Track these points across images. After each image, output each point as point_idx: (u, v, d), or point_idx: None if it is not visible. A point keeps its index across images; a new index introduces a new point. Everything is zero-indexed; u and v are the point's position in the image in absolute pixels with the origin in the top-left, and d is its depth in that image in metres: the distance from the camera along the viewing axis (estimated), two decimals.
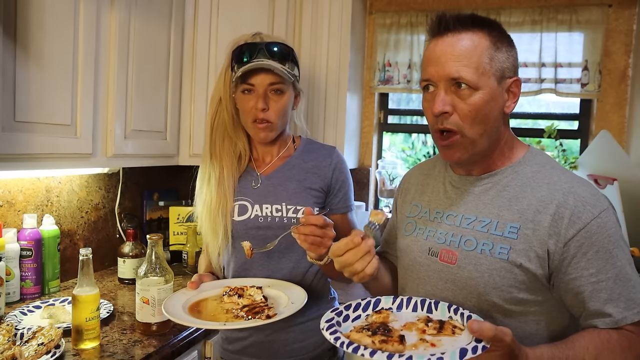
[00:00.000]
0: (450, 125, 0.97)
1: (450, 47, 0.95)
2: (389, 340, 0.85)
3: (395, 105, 2.66)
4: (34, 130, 1.36)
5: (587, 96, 2.24)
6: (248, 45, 1.33)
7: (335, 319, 0.95)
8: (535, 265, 0.94)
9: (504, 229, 0.97)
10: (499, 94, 0.97)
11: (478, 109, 0.95)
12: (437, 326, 0.90)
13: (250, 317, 1.10)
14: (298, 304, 1.15)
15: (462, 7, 2.36)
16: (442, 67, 0.95)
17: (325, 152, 1.43)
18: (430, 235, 1.08)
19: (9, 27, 1.26)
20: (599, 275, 0.92)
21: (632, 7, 2.17)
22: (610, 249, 0.92)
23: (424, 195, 1.15)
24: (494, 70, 0.95)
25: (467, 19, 0.96)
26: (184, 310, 1.15)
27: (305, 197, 1.37)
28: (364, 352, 0.81)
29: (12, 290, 1.63)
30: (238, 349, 1.40)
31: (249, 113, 1.33)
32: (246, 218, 1.37)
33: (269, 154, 1.43)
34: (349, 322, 0.97)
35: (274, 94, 1.33)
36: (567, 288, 0.94)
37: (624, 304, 0.91)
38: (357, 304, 1.02)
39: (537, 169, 1.01)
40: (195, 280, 1.30)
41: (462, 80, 0.94)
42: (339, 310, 0.99)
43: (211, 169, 1.38)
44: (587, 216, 0.92)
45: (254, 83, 1.31)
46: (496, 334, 0.80)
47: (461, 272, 1.00)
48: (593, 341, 0.91)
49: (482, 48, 0.94)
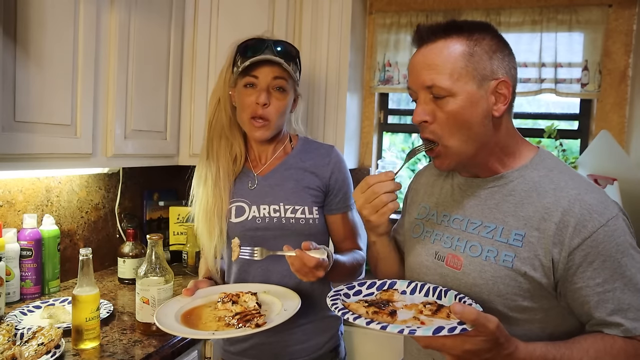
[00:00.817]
0: (429, 135, 0.98)
1: (423, 56, 0.97)
2: (380, 313, 0.89)
3: (395, 105, 2.66)
4: (34, 130, 1.36)
5: (587, 96, 2.24)
6: (255, 41, 1.32)
7: (344, 291, 1.02)
8: (540, 274, 0.92)
9: (508, 235, 0.95)
10: (481, 98, 0.95)
11: (456, 116, 0.94)
12: (433, 309, 0.91)
13: (241, 325, 1.08)
14: (290, 312, 1.14)
15: (462, 7, 2.36)
16: (416, 76, 0.97)
17: (324, 151, 1.42)
18: (437, 239, 1.07)
19: (9, 27, 1.26)
20: (605, 285, 0.90)
21: (632, 7, 2.17)
22: (618, 258, 0.89)
23: (432, 196, 1.15)
24: (472, 75, 0.94)
25: (440, 28, 0.97)
26: (176, 318, 1.13)
27: (304, 196, 1.35)
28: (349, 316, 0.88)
29: (12, 290, 1.63)
30: (239, 350, 1.39)
31: (247, 108, 1.31)
32: (244, 219, 1.35)
33: (266, 154, 1.41)
34: (360, 296, 1.02)
35: (276, 91, 1.32)
36: (573, 297, 0.93)
37: (634, 314, 0.89)
38: (372, 282, 1.07)
39: (545, 173, 0.98)
40: (190, 287, 1.28)
41: (436, 87, 0.94)
42: (352, 285, 1.03)
43: (207, 169, 1.37)
44: (593, 225, 0.89)
45: (258, 75, 1.30)
46: (478, 318, 0.80)
47: (466, 278, 0.99)
48: (595, 344, 0.89)
49: (455, 54, 0.94)
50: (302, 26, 2.09)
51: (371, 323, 0.84)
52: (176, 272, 1.98)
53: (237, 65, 1.33)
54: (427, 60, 0.96)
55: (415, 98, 1.01)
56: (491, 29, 0.98)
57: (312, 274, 1.13)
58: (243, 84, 1.32)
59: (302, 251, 1.12)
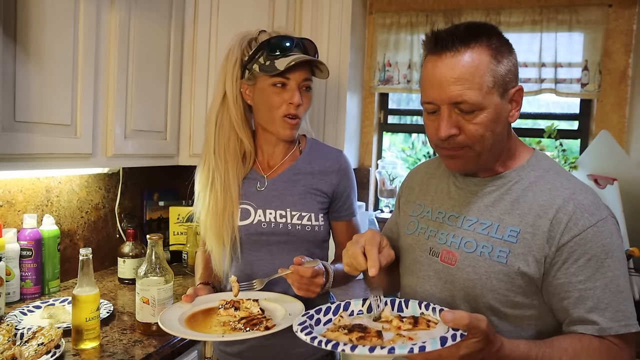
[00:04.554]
0: (458, 146, 0.96)
1: (451, 69, 0.91)
2: (366, 336, 0.85)
3: (395, 105, 2.66)
4: (34, 130, 1.36)
5: (587, 96, 2.24)
6: (279, 38, 1.28)
7: (307, 322, 0.95)
8: (533, 270, 0.93)
9: (504, 232, 0.97)
10: (503, 108, 0.95)
11: (485, 127, 0.93)
12: (411, 321, 0.90)
13: (249, 329, 1.08)
14: (296, 315, 1.12)
15: (462, 7, 2.36)
16: (444, 92, 0.92)
17: (333, 156, 1.39)
18: (431, 235, 1.07)
19: (9, 27, 1.26)
20: (587, 283, 0.91)
21: (632, 7, 2.17)
22: (602, 258, 0.91)
23: (428, 194, 1.15)
24: (497, 87, 0.92)
25: (464, 34, 0.92)
26: (180, 323, 1.13)
27: (311, 203, 1.33)
28: (344, 347, 0.81)
29: (12, 290, 1.62)
30: (236, 351, 1.38)
31: (279, 107, 1.28)
32: (248, 223, 1.32)
33: (274, 156, 1.39)
34: (321, 325, 0.97)
35: (305, 91, 1.31)
36: (554, 292, 0.94)
37: (611, 314, 0.91)
38: (327, 307, 1.01)
39: (541, 173, 1.00)
40: (190, 293, 1.25)
41: (465, 103, 0.91)
42: (310, 314, 0.99)
43: (215, 170, 1.33)
44: (583, 223, 0.91)
45: (290, 77, 1.27)
46: (471, 320, 0.80)
47: (460, 274, 1.00)
48: (573, 344, 0.91)
49: (483, 65, 0.91)
50: (302, 26, 2.09)
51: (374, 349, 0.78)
52: (176, 272, 1.98)
53: (259, 62, 1.29)
54: (455, 73, 0.91)
55: (433, 110, 0.97)
56: (500, 32, 0.97)
57: (313, 285, 1.14)
58: (271, 83, 1.28)
59: (296, 266, 1.13)
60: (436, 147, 1.01)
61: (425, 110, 0.99)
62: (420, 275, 1.08)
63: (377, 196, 2.59)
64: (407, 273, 1.13)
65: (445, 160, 1.01)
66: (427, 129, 1.01)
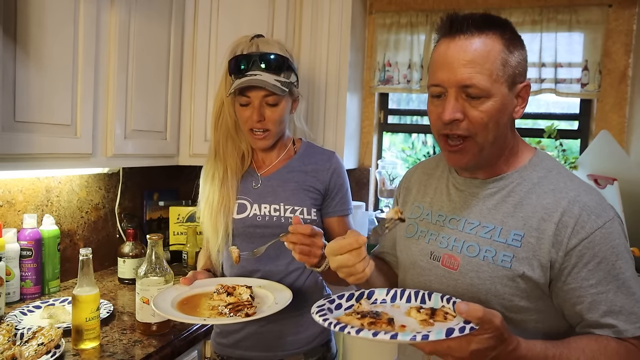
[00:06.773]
0: (461, 132, 0.94)
1: (463, 51, 0.90)
2: (377, 322, 0.85)
3: (395, 105, 2.66)
4: (34, 130, 1.36)
5: (587, 96, 2.24)
6: (243, 57, 1.35)
7: (327, 305, 0.95)
8: (538, 274, 0.92)
9: (507, 236, 0.95)
10: (510, 100, 0.94)
11: (490, 117, 0.92)
12: (429, 312, 0.89)
13: (232, 314, 1.14)
14: (281, 305, 1.18)
15: (462, 7, 2.36)
16: (453, 73, 0.91)
17: (325, 156, 1.46)
18: (432, 239, 1.05)
19: (9, 27, 1.26)
20: (599, 287, 0.90)
21: (632, 7, 2.17)
22: (613, 260, 0.89)
23: (426, 196, 1.12)
24: (506, 77, 0.91)
25: (480, 20, 0.91)
26: (172, 305, 1.18)
27: (303, 198, 1.39)
28: (350, 330, 0.81)
29: (12, 290, 1.63)
30: (232, 342, 1.41)
31: (245, 123, 1.37)
32: (245, 216, 1.39)
33: (269, 157, 1.46)
34: (341, 310, 0.96)
35: (269, 106, 1.35)
36: (565, 297, 0.93)
37: (625, 317, 0.89)
38: (350, 294, 1.01)
39: (544, 174, 0.98)
40: (189, 277, 1.33)
41: (474, 87, 0.90)
42: (332, 299, 0.98)
43: (215, 168, 1.42)
44: (591, 226, 0.89)
45: (250, 96, 1.34)
46: (485, 314, 0.78)
47: (463, 279, 0.98)
48: (590, 345, 0.90)
49: (495, 52, 0.90)
50: (302, 26, 2.09)
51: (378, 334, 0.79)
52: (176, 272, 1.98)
53: (230, 81, 1.38)
54: (467, 55, 0.90)
55: (440, 93, 0.95)
56: (514, 29, 0.96)
57: (314, 247, 1.12)
58: (237, 101, 1.37)
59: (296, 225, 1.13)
60: (439, 136, 0.98)
61: (430, 95, 0.97)
62: (421, 279, 1.06)
63: (377, 196, 2.59)
64: (407, 277, 1.11)
65: (448, 155, 0.99)
66: (430, 115, 0.99)
